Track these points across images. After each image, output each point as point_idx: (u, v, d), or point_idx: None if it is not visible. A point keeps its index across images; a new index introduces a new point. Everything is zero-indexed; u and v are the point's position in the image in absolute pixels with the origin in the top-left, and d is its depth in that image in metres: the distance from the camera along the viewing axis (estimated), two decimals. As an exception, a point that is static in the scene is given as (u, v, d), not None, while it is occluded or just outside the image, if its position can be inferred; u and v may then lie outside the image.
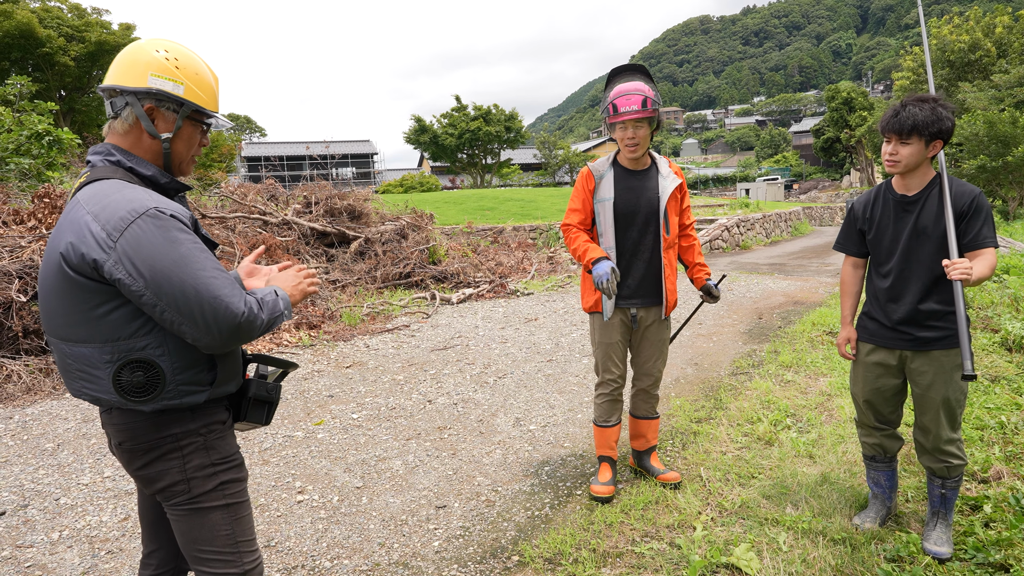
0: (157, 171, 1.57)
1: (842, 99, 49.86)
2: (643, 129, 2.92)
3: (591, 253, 2.95)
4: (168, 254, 1.39)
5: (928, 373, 2.55)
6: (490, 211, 19.36)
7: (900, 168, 2.49)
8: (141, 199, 1.43)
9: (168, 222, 1.42)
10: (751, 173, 69.32)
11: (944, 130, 2.38)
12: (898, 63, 37.84)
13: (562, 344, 6.42)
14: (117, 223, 1.39)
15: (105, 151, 1.55)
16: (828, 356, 5.55)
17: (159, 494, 1.58)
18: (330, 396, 4.99)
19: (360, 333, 6.98)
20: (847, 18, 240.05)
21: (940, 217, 2.43)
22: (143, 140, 1.57)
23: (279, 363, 1.82)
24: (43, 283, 1.51)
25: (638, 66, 2.98)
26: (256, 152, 55.65)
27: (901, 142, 2.45)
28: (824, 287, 9.73)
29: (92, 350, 1.45)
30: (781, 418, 4.11)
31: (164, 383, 1.47)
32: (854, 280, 2.80)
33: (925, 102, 2.42)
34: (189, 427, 1.55)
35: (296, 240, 9.28)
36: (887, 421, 2.77)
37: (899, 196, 2.55)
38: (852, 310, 2.81)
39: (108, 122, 1.59)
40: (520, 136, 45.56)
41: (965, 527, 2.73)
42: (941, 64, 25.13)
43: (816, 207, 28.72)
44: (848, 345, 2.79)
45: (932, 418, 2.59)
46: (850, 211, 2.76)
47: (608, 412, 3.24)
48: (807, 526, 2.76)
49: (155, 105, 1.56)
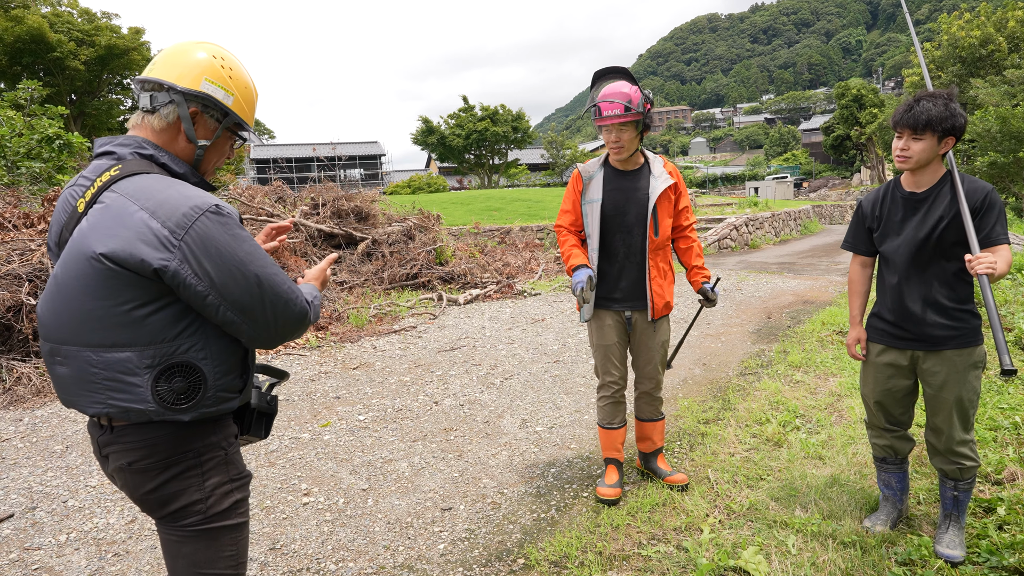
0: (189, 170, 1.53)
1: (852, 96, 49.48)
2: (627, 132, 2.89)
3: (573, 260, 2.99)
4: (236, 252, 1.36)
5: (941, 373, 2.51)
6: (497, 211, 19.34)
7: (911, 164, 2.45)
8: (200, 195, 1.39)
9: (230, 219, 1.39)
10: (760, 172, 68.93)
11: (957, 127, 2.34)
12: (909, 59, 37.51)
13: (569, 345, 6.40)
14: (180, 220, 1.33)
15: (136, 144, 1.47)
16: (838, 356, 5.50)
17: (169, 516, 1.47)
18: (337, 398, 4.99)
19: (367, 334, 6.98)
20: (857, 15, 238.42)
21: (951, 214, 2.39)
22: (178, 141, 1.52)
23: (274, 372, 1.77)
24: (64, 286, 1.38)
25: (620, 69, 2.96)
26: (265, 154, 55.91)
27: (914, 137, 2.40)
28: (834, 286, 9.65)
29: (131, 354, 1.35)
30: (790, 419, 4.07)
31: (205, 388, 1.40)
32: (863, 279, 2.76)
33: (939, 97, 2.38)
34: (211, 440, 1.47)
35: (303, 242, 9.30)
36: (898, 422, 2.73)
37: (908, 193, 2.51)
38: (861, 310, 2.77)
39: (139, 115, 1.51)
40: (527, 136, 45.53)
41: (978, 530, 2.69)
42: (952, 60, 24.87)
43: (826, 205, 28.51)
44: (858, 345, 2.75)
45: (944, 419, 2.55)
46: (858, 209, 2.72)
47: (611, 414, 3.22)
48: (816, 529, 2.73)
49: (200, 110, 1.52)
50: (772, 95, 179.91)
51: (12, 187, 9.02)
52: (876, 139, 44.16)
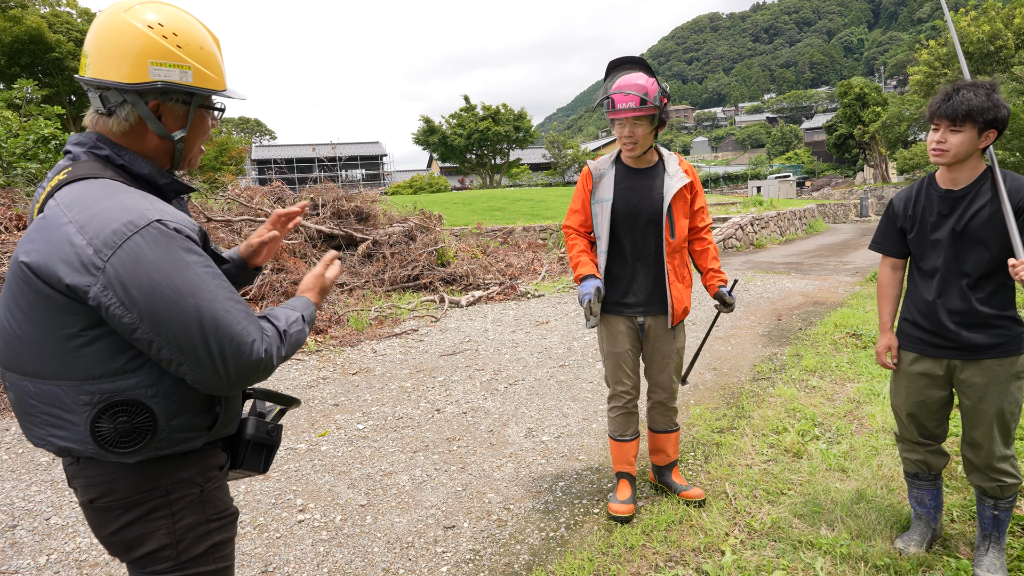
0: (155, 170, 1.30)
1: (855, 95, 49.17)
2: (641, 127, 2.71)
3: (581, 268, 2.83)
4: (173, 279, 1.13)
5: (980, 384, 2.33)
6: (500, 211, 19.17)
7: (948, 158, 2.26)
8: (140, 208, 1.16)
9: (173, 239, 1.15)
10: (762, 171, 68.67)
11: (999, 118, 2.16)
12: (912, 57, 37.28)
13: (575, 348, 6.22)
14: (109, 238, 1.11)
15: (90, 142, 1.27)
16: (854, 360, 5.31)
17: (136, 561, 1.29)
18: (335, 405, 4.81)
19: (367, 338, 6.81)
20: (858, 13, 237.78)
21: (992, 214, 2.21)
22: (148, 140, 1.30)
23: (281, 399, 1.54)
24: (5, 305, 1.22)
25: (637, 59, 2.77)
26: (266, 155, 55.88)
27: (952, 129, 2.21)
28: (843, 286, 9.46)
29: (65, 389, 1.17)
30: (808, 427, 3.89)
31: (156, 430, 1.20)
32: (894, 283, 2.58)
33: (980, 87, 2.19)
34: (182, 476, 1.27)
35: (303, 243, 9.13)
36: (932, 436, 2.55)
37: (944, 191, 2.33)
38: (892, 315, 2.59)
39: (93, 114, 1.29)
40: (529, 136, 45.36)
41: (1019, 551, 2.51)
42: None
43: (830, 204, 28.29)
44: (888, 354, 2.57)
45: (984, 433, 2.37)
46: (889, 208, 2.54)
47: (623, 425, 3.04)
48: (846, 550, 2.55)
49: (161, 100, 1.27)
50: (774, 94, 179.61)
51: (7, 188, 8.86)
52: (879, 137, 43.86)
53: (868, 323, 6.55)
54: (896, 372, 2.58)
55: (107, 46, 1.23)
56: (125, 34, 1.22)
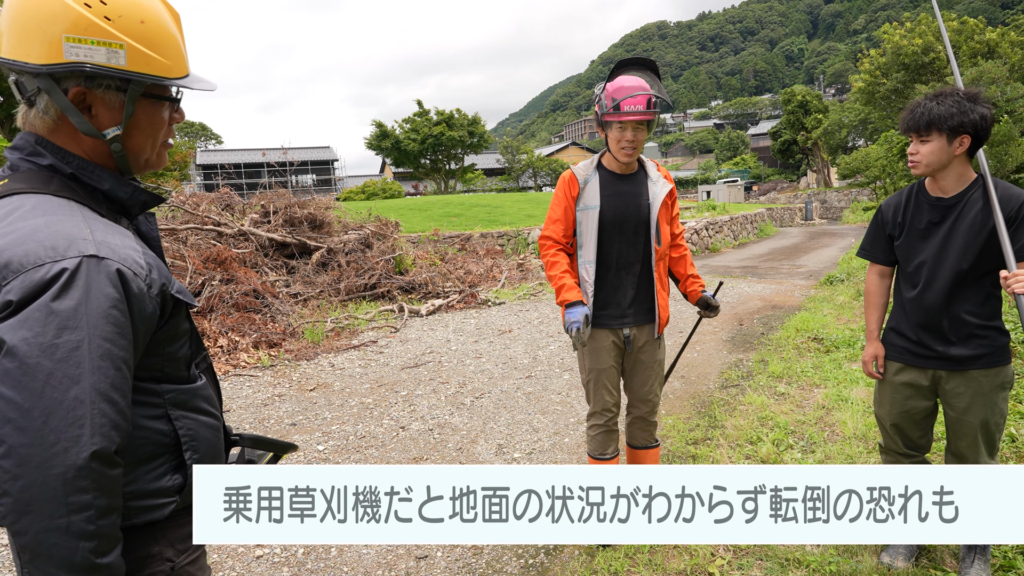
0: (114, 182, 1.05)
1: (797, 102, 50.92)
2: (643, 132, 2.61)
3: (566, 293, 2.62)
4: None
5: (965, 395, 2.30)
6: (456, 218, 18.95)
7: (922, 168, 2.24)
8: (70, 240, 0.92)
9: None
10: (711, 176, 70.35)
11: (967, 122, 2.11)
12: (849, 67, 38.76)
13: (540, 358, 6.10)
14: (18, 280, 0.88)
15: (30, 148, 1.03)
16: (818, 365, 5.35)
17: None
18: (292, 424, 4.55)
19: (324, 351, 6.53)
20: (799, 24, 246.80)
21: (982, 223, 2.18)
22: (81, 138, 1.04)
23: (274, 445, 1.31)
24: None
25: (646, 60, 2.65)
26: (212, 160, 54.07)
27: (921, 140, 2.20)
28: (799, 290, 9.63)
29: None
30: (782, 436, 3.85)
31: None
32: (881, 291, 2.54)
33: (948, 95, 2.17)
34: (151, 551, 1.04)
35: (254, 252, 8.75)
36: (916, 447, 2.51)
37: (935, 199, 2.29)
38: (879, 324, 2.54)
39: (22, 107, 1.04)
40: (484, 141, 45.23)
41: (1002, 561, 2.49)
42: (896, 67, 25.69)
43: (777, 208, 29.11)
44: (874, 363, 2.52)
45: (969, 444, 2.34)
46: (877, 215, 2.49)
47: (604, 444, 2.91)
48: (834, 567, 2.49)
49: (86, 86, 1.01)
50: (720, 101, 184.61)
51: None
52: (821, 143, 45.46)
53: (828, 327, 6.64)
54: (881, 382, 2.53)
55: (19, 16, 0.98)
56: (39, 1, 0.97)
